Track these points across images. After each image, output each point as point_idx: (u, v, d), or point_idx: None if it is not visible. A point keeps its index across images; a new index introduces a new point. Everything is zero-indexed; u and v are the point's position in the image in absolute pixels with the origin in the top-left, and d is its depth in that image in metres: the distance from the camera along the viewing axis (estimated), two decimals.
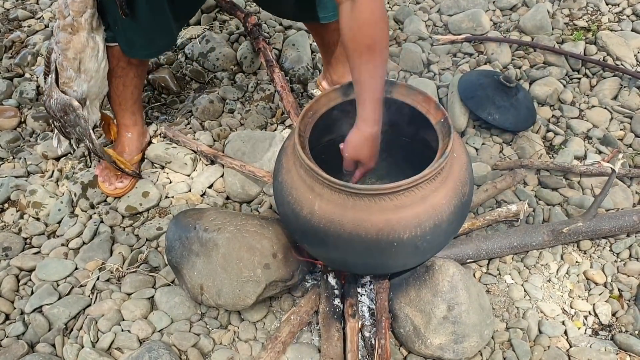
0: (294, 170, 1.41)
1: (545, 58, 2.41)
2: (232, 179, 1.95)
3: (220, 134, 2.14)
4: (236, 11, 2.54)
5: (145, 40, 1.72)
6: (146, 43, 1.73)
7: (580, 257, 1.76)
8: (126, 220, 1.91)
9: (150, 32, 1.69)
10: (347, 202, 1.31)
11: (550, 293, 1.68)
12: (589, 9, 2.66)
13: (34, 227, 1.89)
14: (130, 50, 1.73)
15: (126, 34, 1.67)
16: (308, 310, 1.57)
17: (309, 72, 2.38)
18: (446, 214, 1.35)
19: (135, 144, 1.99)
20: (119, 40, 1.66)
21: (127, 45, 1.70)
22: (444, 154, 1.32)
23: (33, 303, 1.67)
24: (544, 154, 2.05)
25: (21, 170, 2.07)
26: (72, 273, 1.76)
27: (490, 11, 2.68)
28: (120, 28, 1.65)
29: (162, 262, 1.77)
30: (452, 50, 2.49)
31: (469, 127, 2.16)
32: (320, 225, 1.34)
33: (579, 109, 2.22)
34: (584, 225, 1.69)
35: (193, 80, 2.42)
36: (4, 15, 2.77)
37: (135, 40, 1.70)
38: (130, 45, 1.71)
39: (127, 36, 1.68)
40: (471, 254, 1.67)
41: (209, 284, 1.53)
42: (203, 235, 1.55)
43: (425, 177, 1.30)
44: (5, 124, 2.23)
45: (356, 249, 1.35)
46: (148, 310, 1.65)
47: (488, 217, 1.77)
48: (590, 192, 1.92)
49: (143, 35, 1.69)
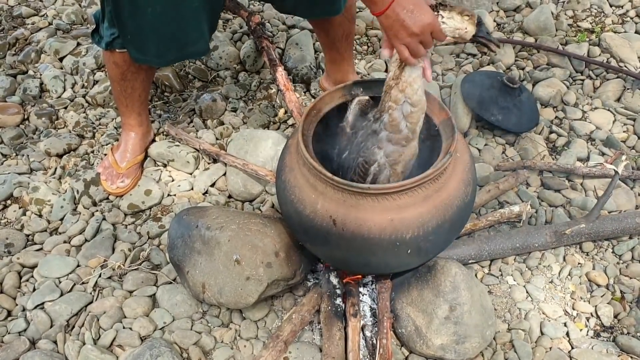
0: (297, 169, 1.41)
1: (548, 59, 2.41)
2: (234, 178, 1.95)
3: (223, 133, 2.14)
4: (240, 10, 2.53)
5: (157, 49, 1.66)
6: (157, 52, 1.67)
7: (583, 258, 1.76)
8: (128, 218, 1.91)
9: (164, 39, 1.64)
10: (350, 201, 1.31)
11: (552, 294, 1.68)
12: (592, 10, 2.66)
13: (37, 224, 1.89)
14: (141, 56, 1.68)
15: (137, 40, 1.64)
16: (310, 309, 1.57)
17: (312, 71, 2.38)
18: (449, 214, 1.35)
19: (139, 143, 1.99)
20: (128, 47, 1.64)
21: (138, 51, 1.67)
22: (448, 154, 1.32)
23: (35, 300, 1.67)
24: (547, 155, 2.05)
25: (24, 167, 2.08)
26: (74, 270, 1.76)
27: (494, 12, 2.68)
28: (132, 35, 1.61)
29: (164, 259, 1.77)
30: (456, 51, 2.49)
31: (472, 128, 2.16)
32: (323, 224, 1.34)
33: (582, 110, 2.22)
34: (587, 226, 1.69)
35: (196, 79, 2.42)
36: (8, 13, 2.77)
37: (149, 47, 1.65)
38: (143, 53, 1.66)
39: (137, 43, 1.65)
40: (473, 255, 1.67)
41: (210, 282, 1.53)
42: (205, 233, 1.55)
43: (429, 177, 1.30)
44: (8, 121, 2.23)
45: (358, 249, 1.35)
46: (150, 308, 1.65)
47: (490, 218, 1.77)
48: (593, 194, 1.92)
49: (156, 41, 1.63)
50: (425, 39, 1.24)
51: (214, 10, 1.70)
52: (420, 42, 1.24)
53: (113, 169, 1.95)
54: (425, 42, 1.25)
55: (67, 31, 2.64)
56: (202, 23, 1.63)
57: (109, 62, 1.77)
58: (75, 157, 2.10)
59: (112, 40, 1.67)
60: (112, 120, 2.24)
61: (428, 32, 1.23)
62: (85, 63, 2.42)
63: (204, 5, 1.59)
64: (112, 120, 2.23)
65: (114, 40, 1.67)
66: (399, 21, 1.21)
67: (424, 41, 1.25)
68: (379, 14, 1.24)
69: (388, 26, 1.24)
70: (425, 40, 1.25)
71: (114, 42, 1.68)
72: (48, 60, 2.48)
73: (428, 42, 1.25)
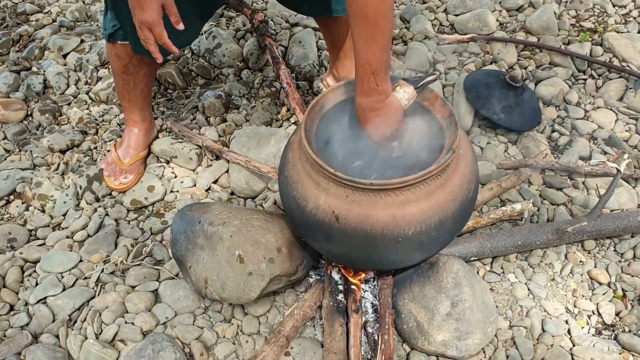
0: (299, 165, 1.41)
1: (551, 59, 2.41)
2: (237, 175, 1.95)
3: (226, 130, 2.14)
4: (243, 8, 2.54)
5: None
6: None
7: (585, 256, 1.76)
8: (131, 214, 1.92)
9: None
10: (353, 197, 1.31)
11: (554, 292, 1.68)
12: (595, 10, 2.66)
13: (39, 219, 1.90)
14: (142, 48, 1.69)
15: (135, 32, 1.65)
16: (312, 305, 1.58)
17: (315, 69, 2.38)
18: (451, 210, 1.35)
19: (142, 139, 1.99)
20: (129, 39, 1.64)
21: (138, 44, 1.67)
22: (451, 150, 1.32)
23: (37, 294, 1.67)
24: (549, 154, 2.05)
25: (27, 162, 2.08)
26: (76, 265, 1.76)
27: (497, 11, 2.68)
28: (131, 27, 1.62)
29: (167, 255, 1.77)
30: (458, 50, 2.49)
31: (474, 126, 2.16)
32: (325, 220, 1.34)
33: (584, 109, 2.22)
34: (589, 224, 1.69)
35: (199, 76, 2.43)
36: (12, 9, 2.78)
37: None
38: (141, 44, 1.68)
39: (137, 35, 1.65)
40: (475, 252, 1.67)
41: (213, 278, 1.53)
42: (208, 228, 1.56)
43: (432, 173, 1.30)
44: (11, 117, 2.24)
45: (361, 245, 1.35)
46: (152, 303, 1.65)
47: (492, 216, 1.77)
48: (595, 192, 1.92)
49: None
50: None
51: (206, 11, 1.74)
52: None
53: (116, 165, 1.96)
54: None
55: (70, 28, 2.65)
56: (193, 12, 1.64)
57: (112, 55, 1.77)
58: (78, 153, 2.10)
59: (114, 31, 1.67)
60: (115, 117, 2.24)
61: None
62: (88, 60, 2.43)
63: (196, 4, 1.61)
64: (116, 117, 2.24)
65: (116, 32, 1.67)
66: (374, 114, 1.40)
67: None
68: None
69: (362, 114, 1.42)
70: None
71: (115, 34, 1.68)
72: (52, 57, 2.48)
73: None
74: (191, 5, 1.59)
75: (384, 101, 1.37)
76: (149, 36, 1.42)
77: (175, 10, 1.41)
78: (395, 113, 1.41)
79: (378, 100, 1.37)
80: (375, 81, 1.33)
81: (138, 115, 1.95)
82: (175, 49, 1.44)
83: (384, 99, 1.37)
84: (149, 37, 1.42)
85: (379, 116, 1.39)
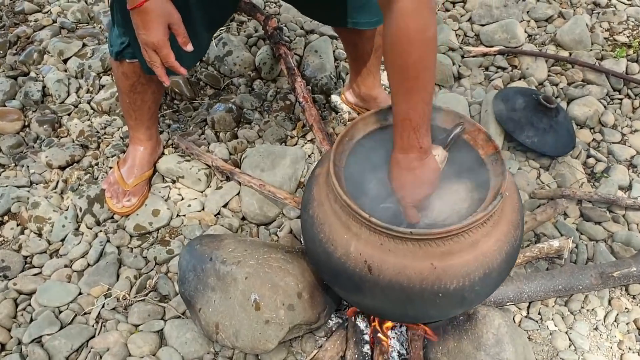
0: (327, 204, 1.26)
1: (584, 75, 2.26)
2: (249, 199, 1.80)
3: (237, 147, 1.99)
4: (256, 13, 2.38)
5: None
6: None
7: (630, 303, 1.61)
8: (134, 241, 1.77)
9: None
10: (388, 246, 1.16)
11: (598, 343, 1.53)
12: (629, 23, 2.51)
13: (36, 245, 1.75)
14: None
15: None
16: (333, 355, 1.43)
17: (332, 81, 2.23)
18: (497, 261, 1.20)
19: (147, 158, 1.84)
20: (139, 57, 1.49)
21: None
22: (499, 196, 1.18)
23: (32, 332, 1.53)
24: (586, 183, 1.90)
25: (23, 179, 1.93)
26: (75, 299, 1.61)
27: (525, 21, 2.53)
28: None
29: (173, 290, 1.63)
30: (485, 63, 2.34)
31: (504, 149, 2.01)
32: (357, 270, 1.19)
33: (621, 132, 2.07)
34: (637, 269, 1.55)
35: (208, 86, 2.27)
36: (9, 8, 2.61)
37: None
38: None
39: None
40: (512, 297, 1.53)
41: (225, 323, 1.38)
42: (220, 267, 1.41)
43: (477, 221, 1.15)
44: (7, 128, 2.07)
45: (396, 298, 1.20)
46: (157, 346, 1.51)
47: (528, 254, 1.63)
48: (637, 227, 1.77)
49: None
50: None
51: (216, 20, 1.60)
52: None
53: (119, 185, 1.81)
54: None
55: (72, 30, 2.48)
56: (202, 27, 1.50)
57: (118, 73, 1.62)
58: (78, 170, 1.95)
59: (122, 49, 1.53)
60: (118, 130, 2.09)
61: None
62: (91, 66, 2.27)
63: (206, 15, 1.46)
64: (118, 130, 2.09)
65: (124, 49, 1.53)
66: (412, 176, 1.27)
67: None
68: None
69: (397, 174, 1.29)
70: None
71: (124, 52, 1.53)
72: (51, 61, 2.32)
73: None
74: (200, 19, 1.44)
75: (423, 159, 1.24)
76: (154, 58, 1.29)
77: (182, 30, 1.27)
78: (433, 175, 1.28)
79: (417, 157, 1.24)
80: (416, 137, 1.20)
81: (144, 134, 1.80)
82: (183, 71, 1.32)
83: (423, 158, 1.24)
84: (155, 59, 1.29)
85: (416, 176, 1.25)
